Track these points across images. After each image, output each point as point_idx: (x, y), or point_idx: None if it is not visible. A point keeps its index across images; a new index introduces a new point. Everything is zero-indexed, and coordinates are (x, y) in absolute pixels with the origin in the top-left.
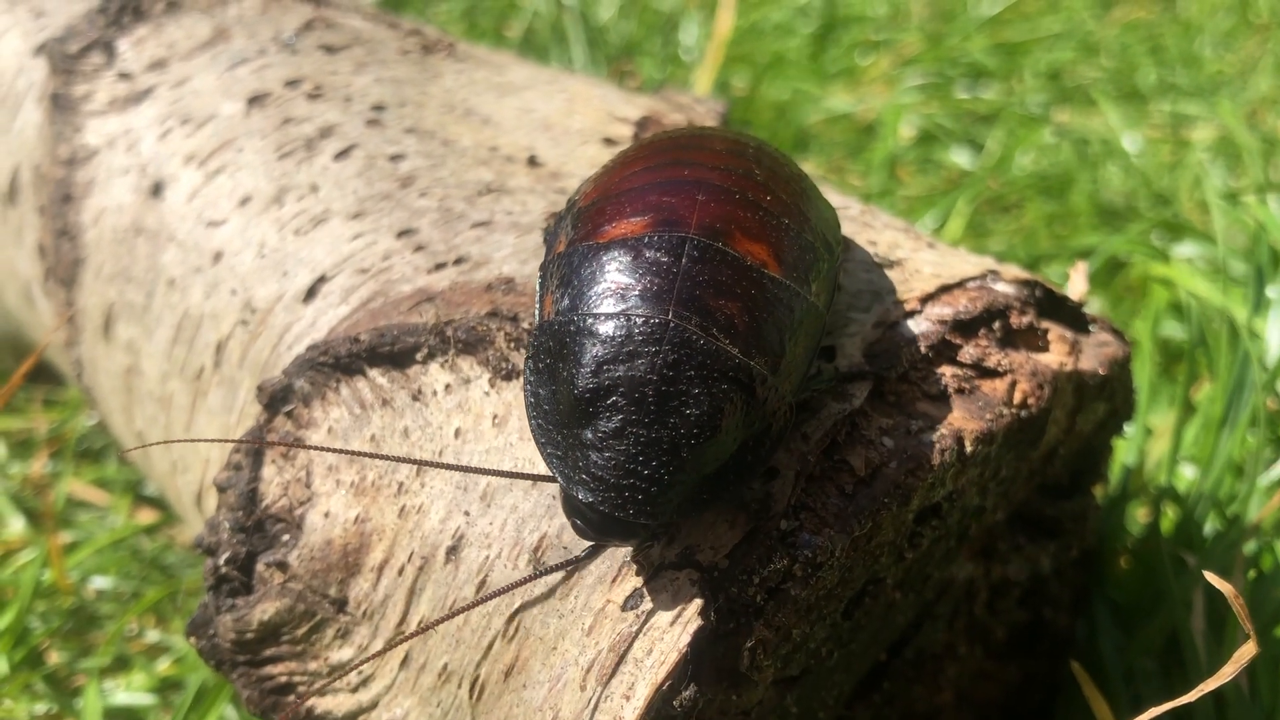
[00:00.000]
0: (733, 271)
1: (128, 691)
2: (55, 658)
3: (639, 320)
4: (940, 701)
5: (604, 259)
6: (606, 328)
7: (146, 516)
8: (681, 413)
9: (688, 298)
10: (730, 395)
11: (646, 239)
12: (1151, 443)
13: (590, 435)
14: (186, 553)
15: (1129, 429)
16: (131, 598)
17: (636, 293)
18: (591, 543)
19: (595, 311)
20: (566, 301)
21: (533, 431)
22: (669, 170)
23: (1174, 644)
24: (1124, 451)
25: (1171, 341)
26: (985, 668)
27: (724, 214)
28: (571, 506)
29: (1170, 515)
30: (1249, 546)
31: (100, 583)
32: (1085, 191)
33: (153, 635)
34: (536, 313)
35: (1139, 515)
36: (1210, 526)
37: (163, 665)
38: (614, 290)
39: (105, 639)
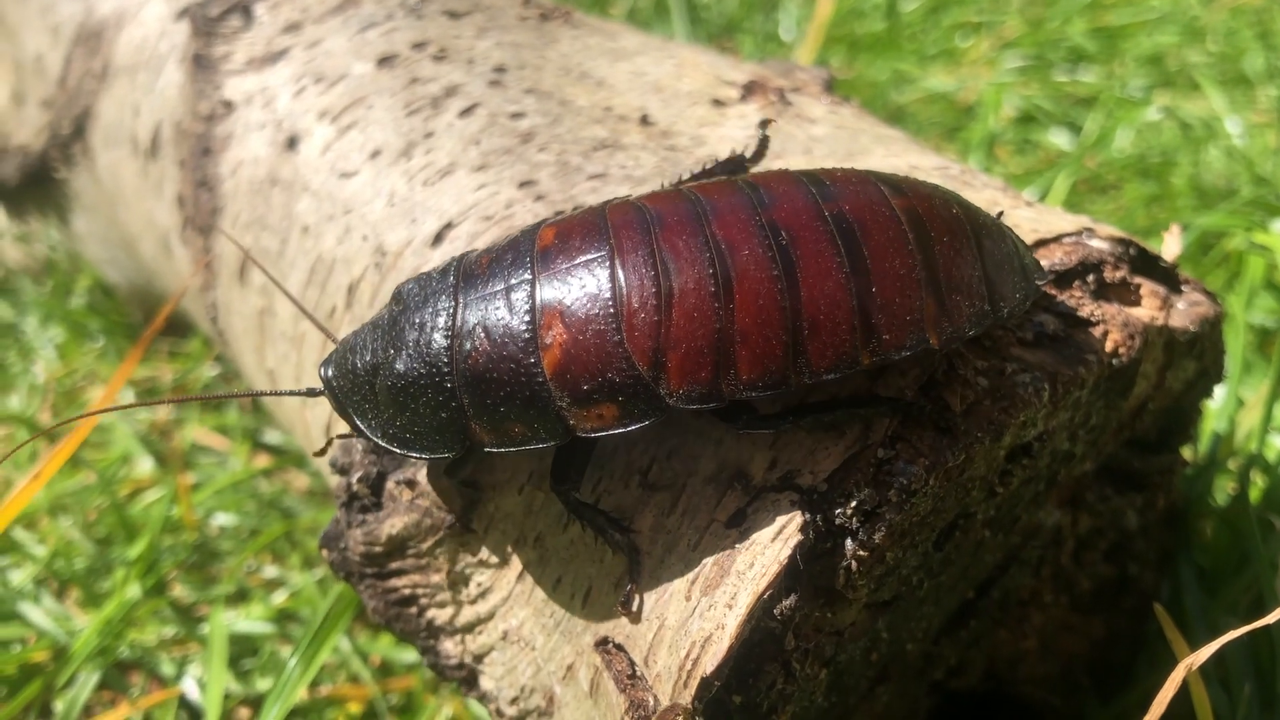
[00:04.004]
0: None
1: (247, 620)
2: (179, 589)
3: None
4: (1025, 648)
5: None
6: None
7: (263, 461)
8: (391, 363)
9: (471, 316)
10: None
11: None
12: (1243, 413)
13: None
14: (301, 495)
15: (1219, 392)
16: (250, 535)
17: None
18: None
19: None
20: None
21: None
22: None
23: (1259, 606)
24: (1214, 419)
25: (1266, 326)
26: (1070, 620)
27: (566, 285)
28: None
29: (1259, 483)
30: None
31: (222, 520)
32: (1185, 174)
33: (270, 571)
34: None
35: (1227, 487)
36: None
37: (279, 598)
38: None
39: (226, 572)
